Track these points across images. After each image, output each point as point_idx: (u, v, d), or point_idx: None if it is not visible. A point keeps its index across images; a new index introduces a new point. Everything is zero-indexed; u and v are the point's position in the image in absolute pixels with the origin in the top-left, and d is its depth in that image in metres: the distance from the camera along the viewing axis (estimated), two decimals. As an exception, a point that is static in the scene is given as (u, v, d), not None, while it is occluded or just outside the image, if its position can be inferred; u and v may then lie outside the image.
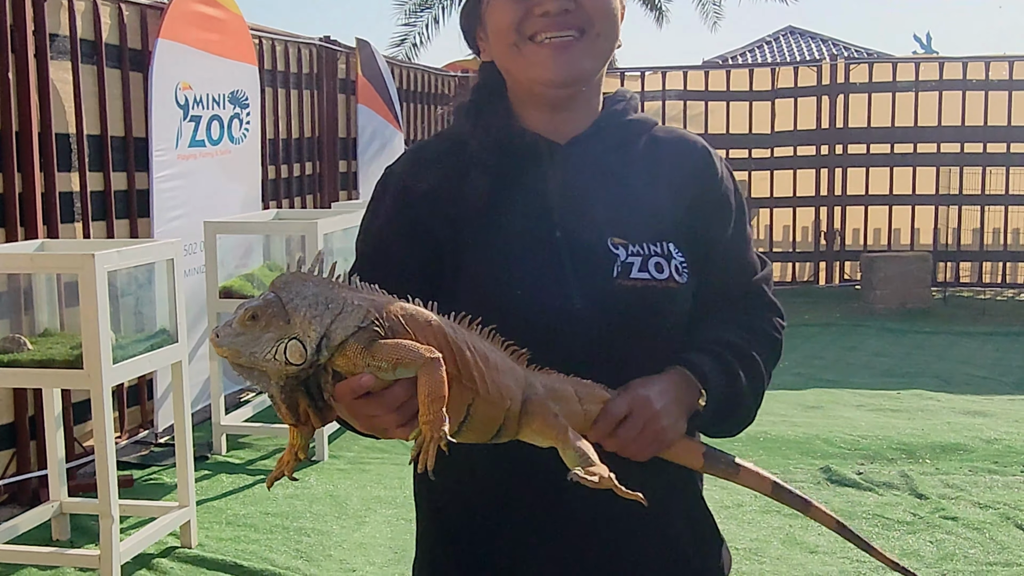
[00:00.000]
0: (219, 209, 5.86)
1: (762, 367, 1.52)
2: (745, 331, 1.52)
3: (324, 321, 1.15)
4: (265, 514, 4.50)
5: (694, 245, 1.49)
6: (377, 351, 1.15)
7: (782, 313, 1.61)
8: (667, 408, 1.39)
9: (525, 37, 1.41)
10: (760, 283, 1.59)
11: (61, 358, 3.68)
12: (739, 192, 1.59)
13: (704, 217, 1.51)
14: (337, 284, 1.19)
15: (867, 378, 7.07)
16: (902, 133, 10.53)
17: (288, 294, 1.16)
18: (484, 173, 1.46)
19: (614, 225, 1.45)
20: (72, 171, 5.01)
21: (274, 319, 1.14)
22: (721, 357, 1.47)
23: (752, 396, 1.51)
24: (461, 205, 1.45)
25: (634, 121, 1.53)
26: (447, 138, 1.54)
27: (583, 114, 1.50)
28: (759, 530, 4.29)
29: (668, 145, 1.54)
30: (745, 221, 1.59)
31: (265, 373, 1.16)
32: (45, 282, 4.18)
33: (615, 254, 1.43)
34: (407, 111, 9.77)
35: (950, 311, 9.74)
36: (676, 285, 1.45)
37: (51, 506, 4.13)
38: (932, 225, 10.65)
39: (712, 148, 1.58)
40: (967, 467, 5.12)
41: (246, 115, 6.31)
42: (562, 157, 1.47)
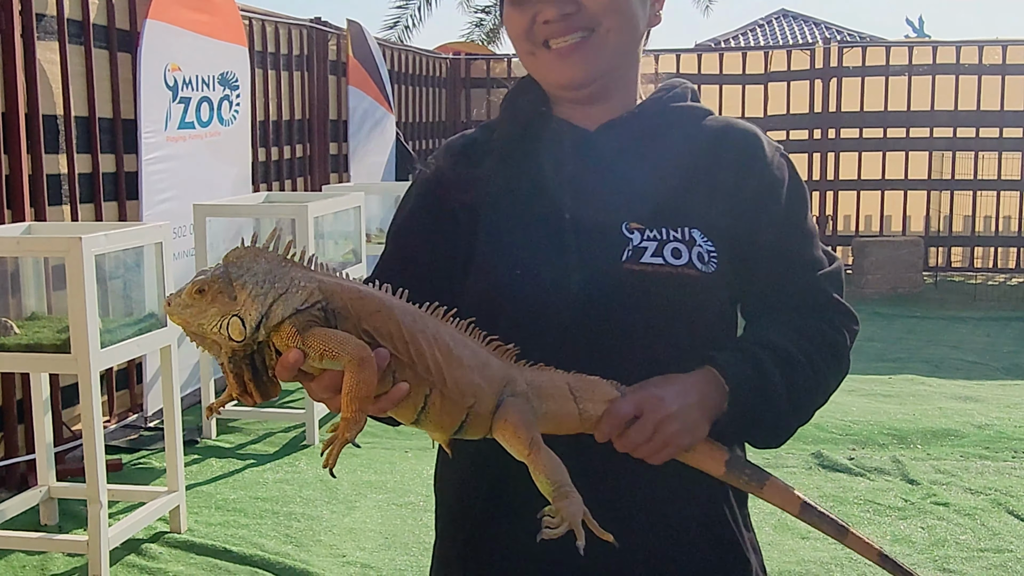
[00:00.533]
0: (209, 192, 5.82)
1: (811, 372, 1.40)
2: (795, 332, 1.41)
3: (267, 300, 1.14)
4: (255, 499, 4.48)
5: (733, 236, 1.41)
6: (309, 338, 1.14)
7: (852, 315, 1.48)
8: (684, 411, 1.29)
9: (538, 43, 1.40)
10: (821, 281, 1.45)
11: (48, 342, 3.64)
12: (797, 181, 1.47)
13: (745, 204, 1.42)
14: (291, 263, 1.18)
15: (858, 363, 6.97)
16: (895, 117, 10.50)
17: (237, 270, 1.15)
18: (500, 159, 1.45)
19: (633, 209, 1.40)
20: (60, 153, 4.96)
21: (220, 295, 1.14)
22: (755, 357, 1.37)
23: (791, 405, 1.39)
24: (478, 190, 1.44)
25: (678, 108, 1.47)
26: (484, 128, 1.54)
27: (618, 104, 1.46)
28: (752, 515, 4.27)
29: (711, 131, 1.47)
30: (803, 212, 1.47)
31: (215, 343, 1.17)
32: (32, 265, 4.13)
33: (627, 238, 1.38)
34: (399, 93, 9.72)
35: (941, 296, 9.75)
36: (696, 272, 1.36)
37: (39, 491, 4.10)
38: (924, 211, 10.64)
39: (765, 136, 1.48)
40: (958, 452, 5.12)
41: (236, 97, 6.26)
42: (587, 143, 1.45)
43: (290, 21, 7.47)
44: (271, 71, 7.16)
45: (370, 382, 1.13)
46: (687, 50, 11.44)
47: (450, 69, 11.45)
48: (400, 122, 9.61)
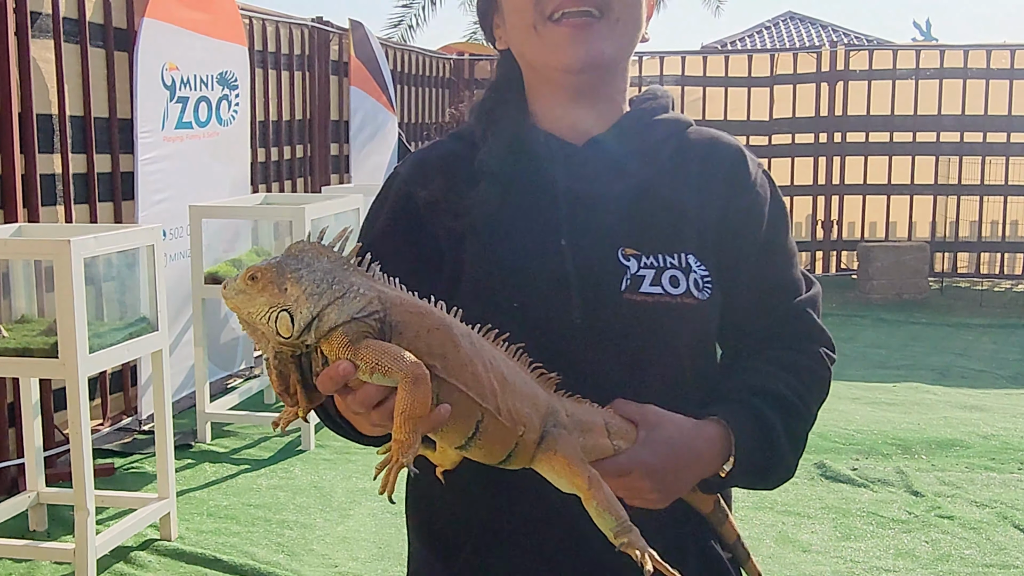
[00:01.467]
0: (207, 192, 5.75)
1: (805, 412, 1.39)
2: (785, 371, 1.38)
3: (321, 301, 1.07)
4: (248, 505, 4.41)
5: (721, 257, 1.37)
6: (361, 349, 1.07)
7: (831, 342, 1.45)
8: (669, 481, 1.26)
9: (544, 16, 1.32)
10: (803, 305, 1.43)
11: (37, 346, 3.58)
12: (779, 201, 1.44)
13: (730, 226, 1.38)
14: (353, 267, 1.12)
15: (862, 370, 6.98)
16: (901, 121, 10.41)
17: (296, 263, 1.09)
18: (494, 183, 1.36)
19: (627, 234, 1.34)
20: (54, 153, 4.90)
21: (270, 285, 1.07)
22: (756, 410, 1.33)
23: (792, 449, 1.37)
24: (464, 217, 1.36)
25: (663, 121, 1.42)
26: (458, 139, 1.45)
27: (605, 111, 1.40)
28: (752, 527, 4.20)
29: (697, 147, 1.42)
30: (784, 233, 1.44)
31: (264, 336, 1.10)
32: (23, 267, 4.07)
33: (624, 266, 1.32)
34: (401, 94, 9.65)
35: (947, 302, 9.66)
36: (694, 301, 1.33)
37: (28, 496, 4.03)
38: (930, 216, 10.53)
39: (748, 151, 1.45)
40: (964, 464, 5.04)
41: (235, 97, 6.19)
42: (577, 160, 1.37)
43: (291, 20, 7.40)
44: (271, 71, 7.09)
45: (425, 402, 1.06)
46: (692, 52, 11.34)
47: (453, 69, 11.38)
48: (403, 123, 9.53)
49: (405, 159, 1.48)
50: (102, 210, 5.23)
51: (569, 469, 1.18)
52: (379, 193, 1.47)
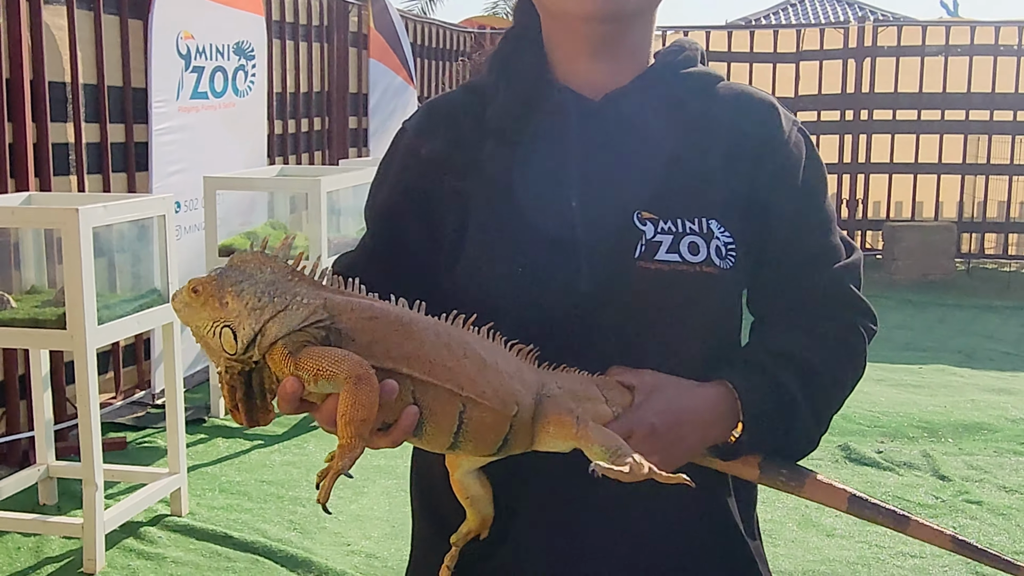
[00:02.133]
0: (222, 164, 5.66)
1: (831, 382, 1.27)
2: (812, 338, 1.27)
3: (263, 316, 1.02)
4: (260, 482, 4.34)
5: (751, 222, 1.26)
6: (301, 358, 1.01)
7: (871, 313, 1.32)
8: (670, 443, 1.17)
9: None
10: (840, 273, 1.30)
11: (45, 317, 3.50)
12: (815, 160, 1.32)
13: (763, 183, 1.27)
14: (299, 275, 1.05)
15: (887, 352, 6.84)
16: (929, 99, 10.20)
17: (238, 275, 1.03)
18: (502, 141, 1.27)
19: (645, 197, 1.23)
20: (67, 122, 4.82)
21: (211, 299, 1.02)
22: (771, 374, 1.23)
23: (815, 418, 1.26)
24: (473, 175, 1.27)
25: (690, 75, 1.30)
26: (471, 91, 1.35)
27: (627, 66, 1.29)
28: (774, 511, 4.10)
29: (726, 103, 1.30)
30: (821, 196, 1.31)
31: (213, 349, 1.04)
32: (33, 237, 3.99)
33: (640, 230, 1.22)
34: (421, 67, 9.54)
35: (974, 284, 9.49)
36: (714, 270, 1.21)
37: (38, 469, 3.98)
38: (958, 196, 10.34)
39: (782, 107, 1.33)
40: (992, 448, 4.92)
41: (252, 67, 6.09)
42: (593, 115, 1.27)
43: (310, -9, 7.29)
44: (289, 42, 6.99)
45: (369, 403, 0.99)
46: (717, 27, 11.17)
47: (474, 43, 11.24)
48: (422, 96, 9.42)
49: (414, 112, 1.39)
50: (115, 180, 5.16)
51: (559, 422, 1.12)
52: (387, 152, 1.38)
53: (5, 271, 4.03)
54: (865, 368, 1.33)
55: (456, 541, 1.25)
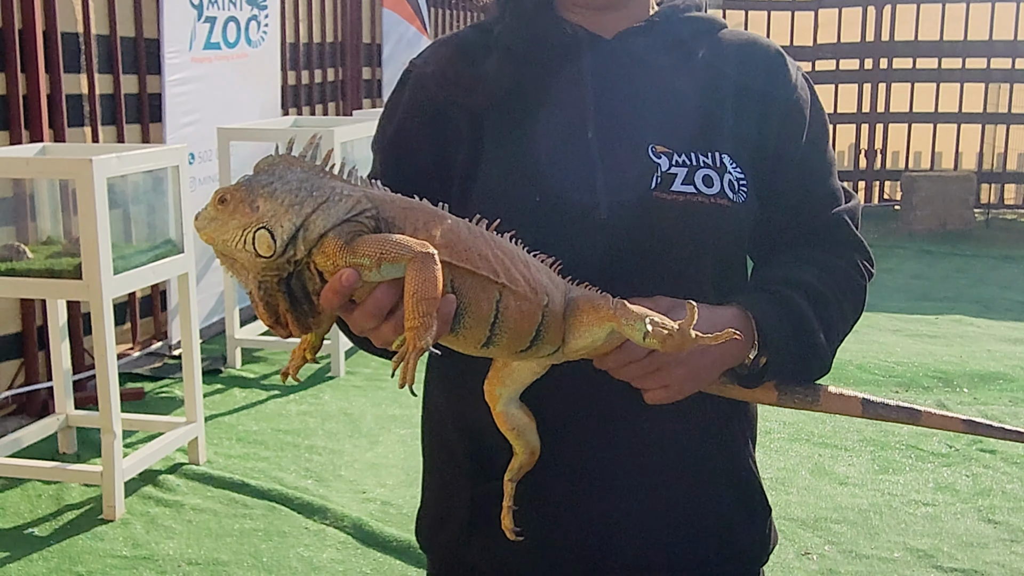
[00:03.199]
0: (236, 115, 5.65)
1: (838, 312, 1.30)
2: (820, 269, 1.30)
3: (303, 210, 0.99)
4: (276, 431, 4.38)
5: (759, 161, 1.29)
6: (359, 245, 0.98)
7: (869, 254, 1.36)
8: (694, 357, 1.17)
9: None
10: (842, 215, 1.34)
11: (60, 268, 3.52)
12: (819, 107, 1.36)
13: (772, 129, 1.30)
14: (329, 173, 1.03)
15: (904, 302, 6.82)
16: (951, 47, 10.07)
17: (268, 178, 1.00)
18: (509, 58, 1.27)
19: (659, 130, 1.25)
20: (80, 73, 4.81)
21: (241, 204, 0.99)
22: (786, 299, 1.25)
23: (827, 337, 1.28)
24: (482, 93, 1.27)
25: (696, 19, 1.32)
26: (478, 29, 1.36)
27: (634, 8, 1.31)
28: (787, 459, 4.12)
29: (733, 48, 1.33)
30: (825, 141, 1.36)
31: (243, 265, 1.02)
32: (47, 187, 4.01)
33: (655, 163, 1.23)
34: (435, 17, 9.45)
35: (992, 234, 9.41)
36: (728, 203, 1.24)
37: (57, 419, 4.02)
38: (978, 146, 10.23)
39: (787, 54, 1.36)
40: (1007, 397, 4.91)
41: (264, 17, 6.05)
42: (606, 51, 1.28)
43: (322, -61, 7.23)
44: (302, -9, 6.94)
45: (436, 280, 0.98)
46: (735, -25, 11.02)
47: (489, -7, 11.14)
48: (436, 47, 9.36)
49: (427, 47, 1.40)
50: (129, 132, 5.15)
51: (594, 310, 1.11)
52: (396, 85, 1.38)
53: (21, 222, 4.05)
54: (864, 306, 1.36)
55: (511, 477, 1.24)
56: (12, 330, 4.49)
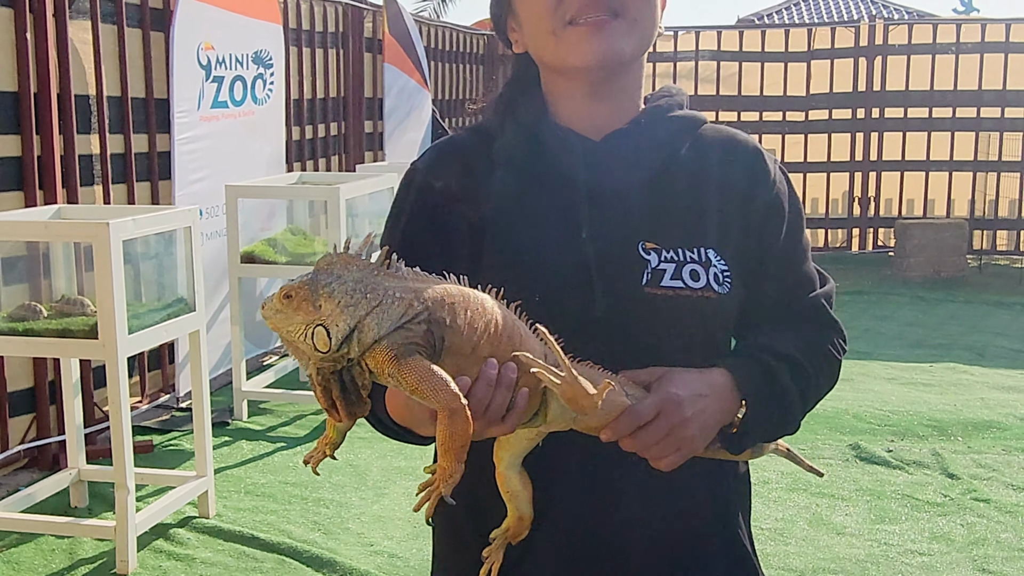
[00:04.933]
0: (242, 171, 5.78)
1: (815, 384, 1.41)
2: (801, 343, 1.40)
3: (357, 312, 1.08)
4: (284, 483, 4.46)
5: (742, 253, 1.39)
6: (404, 368, 1.07)
7: (843, 334, 1.48)
8: (698, 417, 1.27)
9: (564, 21, 1.32)
10: (819, 299, 1.46)
11: (77, 327, 3.62)
12: (795, 198, 1.47)
13: (753, 223, 1.41)
14: (383, 271, 1.11)
15: (899, 349, 6.93)
16: (941, 97, 10.26)
17: (327, 277, 1.09)
18: (511, 172, 1.37)
19: (647, 228, 1.35)
20: (92, 133, 4.94)
21: (304, 302, 1.08)
22: (767, 367, 1.35)
23: (800, 404, 1.39)
24: (484, 205, 1.36)
25: (678, 118, 1.43)
26: (476, 132, 1.46)
27: (622, 108, 1.40)
28: (785, 509, 4.20)
29: (715, 145, 1.44)
30: (801, 229, 1.47)
31: (304, 352, 1.12)
32: (62, 247, 4.11)
33: (645, 259, 1.33)
34: (435, 70, 9.64)
35: (985, 280, 9.54)
36: (714, 295, 1.34)
37: (69, 473, 4.10)
38: (969, 193, 10.39)
39: (765, 150, 1.47)
40: (1000, 446, 5.00)
41: (270, 75, 6.21)
42: (596, 154, 1.38)
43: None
44: (306, 49, 7.11)
45: (464, 433, 1.07)
46: (728, 27, 11.24)
47: (487, 45, 11.34)
48: (436, 99, 9.53)
49: (423, 153, 1.48)
50: (139, 190, 5.28)
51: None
52: (399, 188, 1.47)
53: (35, 280, 4.15)
54: (837, 379, 1.48)
55: (495, 535, 1.33)
56: (24, 385, 4.58)
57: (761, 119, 10.64)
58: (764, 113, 10.60)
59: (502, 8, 1.43)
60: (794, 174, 10.50)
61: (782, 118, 10.60)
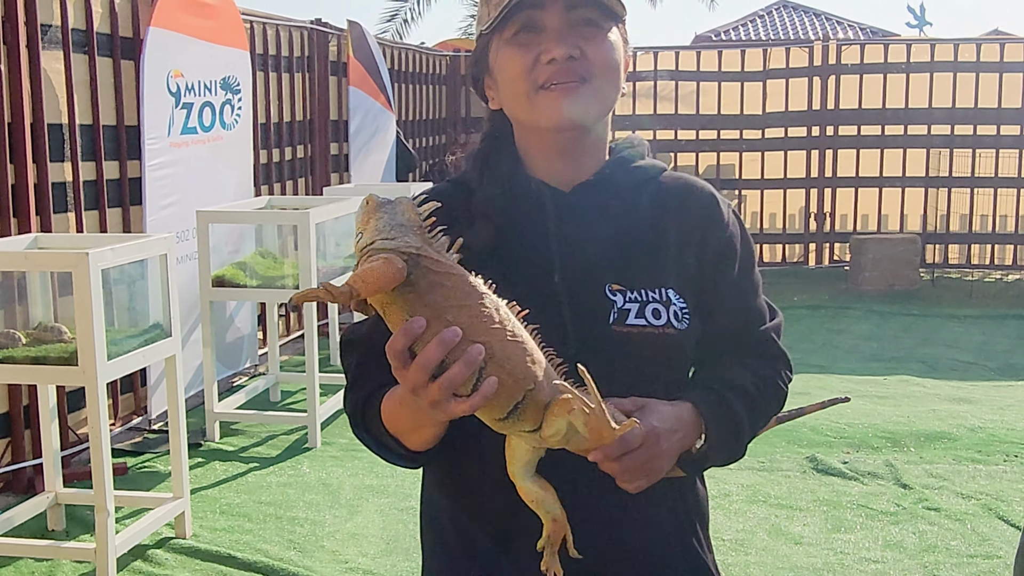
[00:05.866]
0: (211, 195, 5.88)
1: (762, 410, 1.57)
2: (752, 375, 1.55)
3: (379, 235, 1.28)
4: (259, 503, 4.56)
5: (698, 291, 1.53)
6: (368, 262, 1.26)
7: (790, 365, 1.63)
8: (671, 448, 1.42)
9: (536, 86, 1.45)
10: (769, 332, 1.61)
11: (56, 355, 3.71)
12: (746, 238, 1.61)
13: (708, 262, 1.55)
14: (422, 233, 1.30)
15: (854, 363, 7.15)
16: (892, 115, 10.55)
17: (391, 207, 1.31)
18: (488, 221, 1.50)
19: (613, 271, 1.48)
20: (65, 161, 5.02)
21: (366, 213, 1.32)
22: (725, 399, 1.50)
23: (749, 437, 1.55)
24: (465, 254, 1.45)
25: (640, 168, 1.57)
26: (455, 184, 1.59)
27: (589, 160, 1.54)
28: (745, 520, 4.36)
29: (673, 191, 1.58)
30: (752, 267, 1.61)
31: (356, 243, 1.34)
32: (39, 275, 4.19)
33: (612, 300, 1.47)
34: (399, 91, 9.77)
35: (938, 293, 9.82)
36: (673, 331, 1.47)
37: (46, 497, 4.17)
38: (921, 208, 10.70)
39: (719, 194, 1.62)
40: (951, 456, 5.20)
41: (238, 100, 6.31)
42: (565, 204, 1.51)
43: (291, 23, 7.52)
44: (272, 73, 7.21)
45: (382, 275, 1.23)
46: (686, 48, 11.48)
47: (450, 66, 11.49)
48: (401, 120, 9.66)
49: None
50: (111, 216, 5.36)
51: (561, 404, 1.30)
52: None
53: (11, 308, 4.23)
54: (784, 405, 1.64)
55: (542, 545, 1.42)
56: (0, 411, 4.65)
57: (719, 137, 10.89)
58: (722, 131, 10.84)
59: (480, 68, 1.56)
60: (751, 191, 10.86)
61: (739, 136, 10.84)
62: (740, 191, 10.79)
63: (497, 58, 1.50)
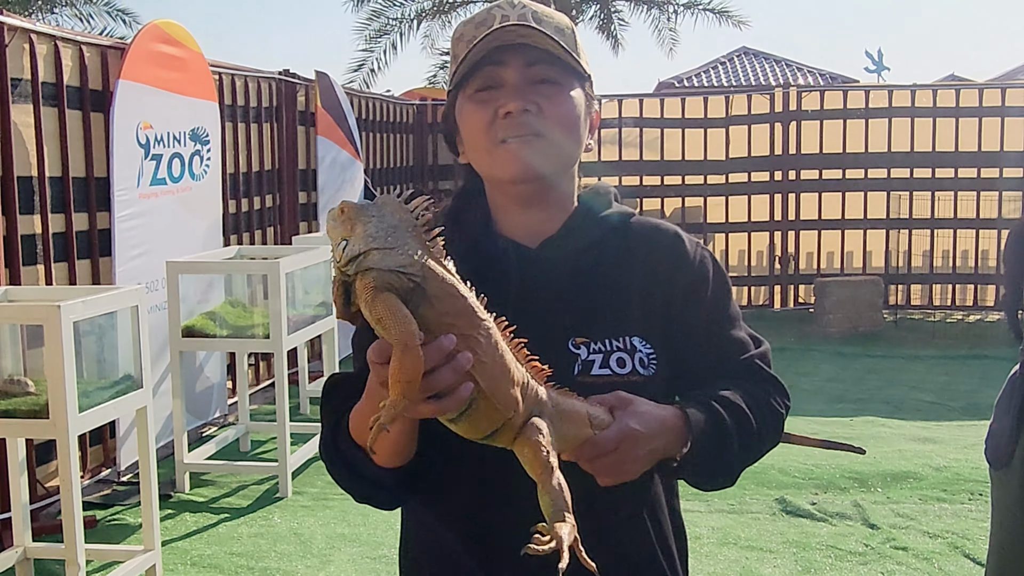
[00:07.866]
0: (180, 246, 5.90)
1: (756, 431, 1.53)
2: (743, 392, 1.54)
3: (372, 244, 1.22)
4: (230, 554, 4.54)
5: (668, 333, 1.55)
6: (377, 298, 1.20)
7: (784, 390, 1.62)
8: (650, 453, 1.42)
9: (496, 141, 1.50)
10: (753, 359, 1.61)
11: (26, 407, 3.70)
12: (720, 272, 1.63)
13: (678, 300, 1.57)
14: (418, 233, 1.25)
15: (820, 404, 7.23)
16: (853, 159, 10.76)
17: (376, 209, 1.24)
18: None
19: (577, 325, 1.52)
20: (34, 213, 5.03)
21: (347, 220, 1.24)
22: (714, 411, 1.49)
23: (740, 457, 1.52)
24: None
25: (607, 216, 1.61)
26: None
27: (556, 212, 1.58)
28: (716, 563, 4.39)
29: (639, 237, 1.61)
30: (728, 299, 1.62)
31: (334, 256, 1.26)
32: (8, 327, 4.19)
33: (575, 353, 1.51)
34: (366, 140, 9.84)
35: (901, 334, 9.96)
36: (639, 378, 1.50)
37: (15, 552, 4.13)
38: (884, 248, 10.89)
39: (685, 234, 1.64)
40: (917, 496, 5.26)
41: (207, 151, 6.35)
42: (531, 261, 1.56)
43: (259, 74, 7.58)
44: (241, 124, 7.26)
45: (413, 368, 1.18)
46: (650, 95, 11.66)
47: (417, 115, 11.59)
48: (369, 168, 9.73)
49: None
50: (80, 267, 5.36)
51: (535, 455, 1.32)
52: None
53: (-20, 361, 4.21)
54: (782, 432, 1.62)
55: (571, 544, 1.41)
56: (-33, 464, 4.61)
57: (683, 182, 11.04)
58: (686, 177, 11.00)
59: (449, 126, 1.62)
60: (717, 234, 10.98)
61: (704, 181, 11.00)
62: (706, 234, 10.93)
63: (462, 114, 1.55)
